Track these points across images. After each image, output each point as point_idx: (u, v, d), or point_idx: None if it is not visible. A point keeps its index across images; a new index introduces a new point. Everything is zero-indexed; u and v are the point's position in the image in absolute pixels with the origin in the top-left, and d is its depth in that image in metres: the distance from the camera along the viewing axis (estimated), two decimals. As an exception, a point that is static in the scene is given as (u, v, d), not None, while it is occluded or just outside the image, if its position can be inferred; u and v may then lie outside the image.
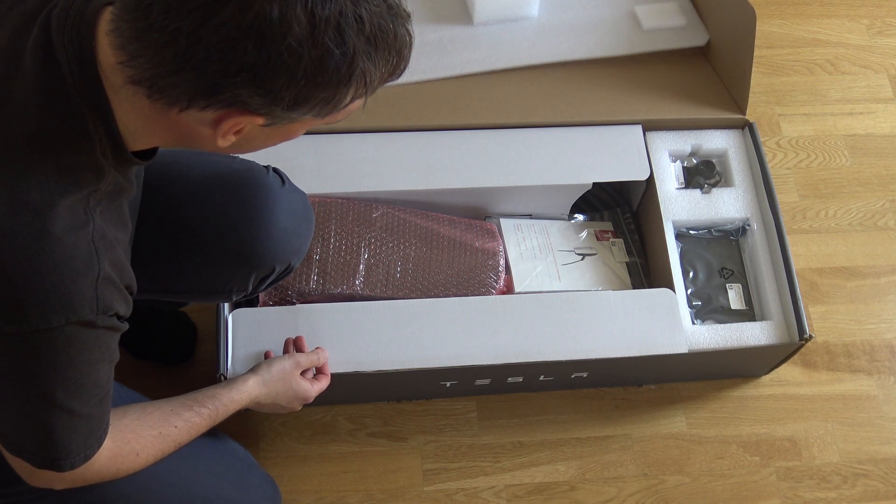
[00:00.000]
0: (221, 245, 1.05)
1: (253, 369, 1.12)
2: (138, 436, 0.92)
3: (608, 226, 1.53)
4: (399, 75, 0.76)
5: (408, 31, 0.73)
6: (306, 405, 1.18)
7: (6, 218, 0.70)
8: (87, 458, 0.84)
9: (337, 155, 1.36)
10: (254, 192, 1.06)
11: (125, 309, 0.80)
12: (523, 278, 1.41)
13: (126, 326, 0.82)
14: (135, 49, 0.68)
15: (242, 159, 1.09)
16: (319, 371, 1.20)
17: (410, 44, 0.75)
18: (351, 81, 0.70)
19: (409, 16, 0.74)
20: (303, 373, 1.17)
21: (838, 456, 1.47)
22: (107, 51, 0.71)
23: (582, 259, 1.45)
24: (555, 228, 1.49)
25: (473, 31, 1.55)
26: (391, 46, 0.71)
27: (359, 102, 0.76)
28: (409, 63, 0.76)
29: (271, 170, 1.10)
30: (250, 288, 1.10)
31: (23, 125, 0.72)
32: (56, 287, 0.72)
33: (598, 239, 1.49)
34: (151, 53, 0.67)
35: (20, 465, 0.84)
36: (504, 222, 1.46)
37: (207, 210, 1.04)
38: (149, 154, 0.82)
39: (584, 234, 1.49)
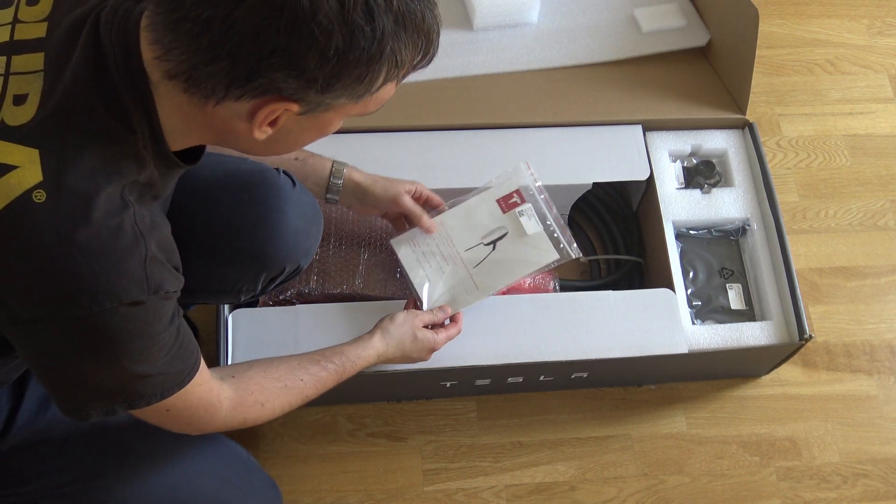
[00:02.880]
0: (232, 244, 1.05)
1: (376, 326, 1.15)
2: (263, 387, 0.96)
3: (512, 186, 1.28)
4: (429, 61, 0.78)
5: (435, 16, 0.75)
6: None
7: (53, 203, 0.71)
8: (164, 397, 0.85)
9: (337, 154, 1.35)
10: (265, 192, 1.06)
11: (176, 285, 0.81)
12: (435, 303, 1.25)
13: (178, 295, 0.83)
14: (170, 41, 0.69)
15: (253, 160, 1.09)
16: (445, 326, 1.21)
17: (438, 30, 0.76)
18: (382, 59, 0.72)
19: (434, 3, 0.75)
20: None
21: (838, 456, 1.47)
22: (146, 47, 0.72)
23: (493, 248, 1.25)
24: (454, 222, 1.27)
25: (473, 37, 1.56)
26: (419, 29, 0.73)
27: (390, 88, 0.78)
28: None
29: (282, 171, 1.10)
30: (259, 288, 1.10)
31: (72, 115, 0.73)
32: (104, 270, 0.73)
33: (504, 211, 1.27)
34: (186, 44, 0.69)
35: None
36: (396, 244, 1.28)
37: (219, 209, 1.05)
38: (191, 158, 0.83)
39: (487, 212, 1.27)
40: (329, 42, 0.68)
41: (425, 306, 1.23)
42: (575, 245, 1.26)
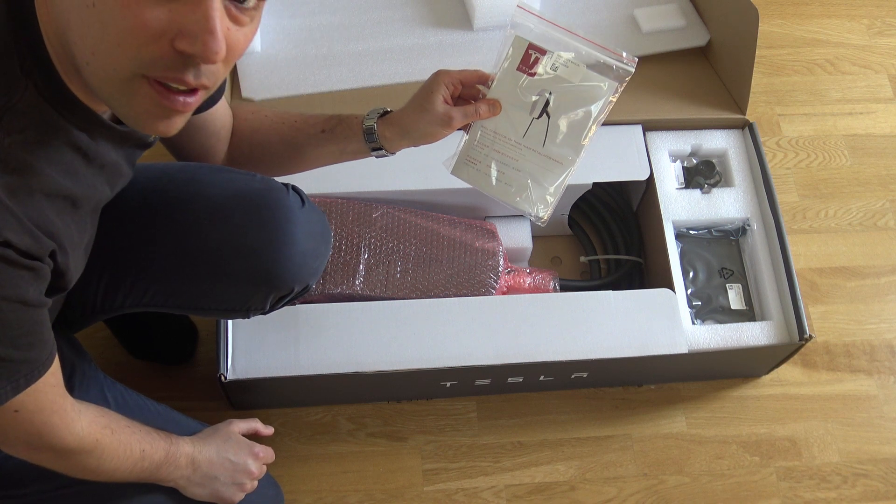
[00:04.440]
0: (241, 266, 1.04)
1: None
2: (113, 419, 0.92)
3: (522, 47, 1.05)
4: None
5: None
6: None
7: None
8: (16, 389, 0.75)
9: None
10: (274, 213, 1.04)
11: (26, 243, 0.69)
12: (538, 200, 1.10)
13: (40, 268, 0.71)
14: None
15: (262, 178, 1.08)
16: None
17: None
18: None
19: None
20: None
21: (838, 456, 1.47)
22: None
23: (547, 116, 1.06)
24: (498, 125, 1.07)
25: (474, 37, 1.56)
26: None
27: None
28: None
29: (290, 189, 1.08)
30: (268, 307, 1.09)
31: None
32: None
33: (531, 75, 1.05)
34: None
35: None
36: (456, 172, 1.12)
37: (228, 231, 1.03)
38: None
39: (518, 88, 1.06)
40: None
41: (533, 214, 1.08)
42: (625, 54, 1.05)
